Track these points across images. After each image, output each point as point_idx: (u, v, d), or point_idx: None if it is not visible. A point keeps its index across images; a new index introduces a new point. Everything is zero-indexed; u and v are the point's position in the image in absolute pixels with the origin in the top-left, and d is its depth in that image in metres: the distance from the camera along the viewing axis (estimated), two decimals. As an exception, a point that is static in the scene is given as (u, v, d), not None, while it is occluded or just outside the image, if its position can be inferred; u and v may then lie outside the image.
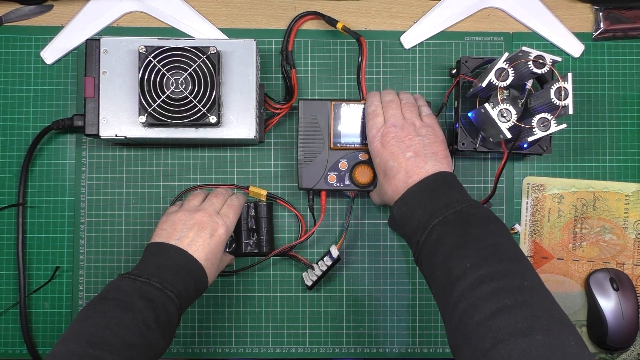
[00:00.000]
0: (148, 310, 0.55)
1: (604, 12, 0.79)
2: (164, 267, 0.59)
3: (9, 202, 0.76)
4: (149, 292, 0.56)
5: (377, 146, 0.64)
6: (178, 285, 0.59)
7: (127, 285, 0.57)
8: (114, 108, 0.70)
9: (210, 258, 0.62)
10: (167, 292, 0.57)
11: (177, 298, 0.58)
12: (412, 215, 0.58)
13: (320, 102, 0.72)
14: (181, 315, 0.60)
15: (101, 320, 0.53)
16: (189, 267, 0.60)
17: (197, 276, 0.61)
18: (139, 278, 0.58)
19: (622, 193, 0.78)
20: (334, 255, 0.73)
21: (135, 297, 0.55)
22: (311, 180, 0.72)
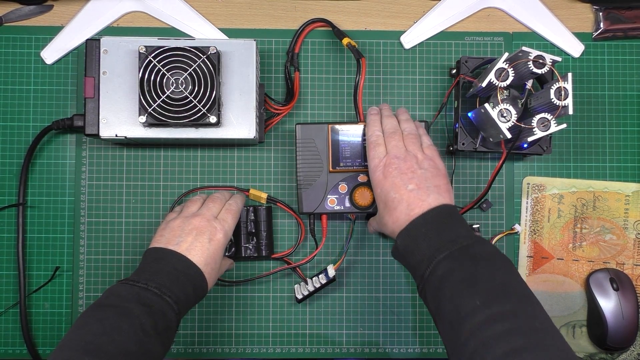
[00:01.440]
0: (146, 316, 0.54)
1: (604, 12, 0.79)
2: (163, 273, 0.59)
3: (9, 202, 0.76)
4: (146, 297, 0.56)
5: (378, 176, 0.63)
6: (176, 290, 0.58)
7: (125, 291, 0.56)
8: (114, 108, 0.70)
9: (210, 263, 0.62)
10: (165, 297, 0.57)
11: (176, 304, 0.58)
12: (416, 247, 0.57)
13: (317, 125, 0.72)
14: (180, 320, 0.60)
15: (98, 327, 0.53)
16: (188, 272, 0.60)
17: (196, 281, 0.61)
18: (137, 284, 0.57)
19: (622, 193, 0.78)
20: (330, 275, 0.73)
21: (133, 303, 0.55)
22: (312, 205, 0.72)
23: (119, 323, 0.53)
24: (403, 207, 0.60)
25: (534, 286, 0.77)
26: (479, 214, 0.78)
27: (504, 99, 0.69)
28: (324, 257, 0.77)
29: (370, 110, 0.70)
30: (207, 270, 0.62)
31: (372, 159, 0.65)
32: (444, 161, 0.78)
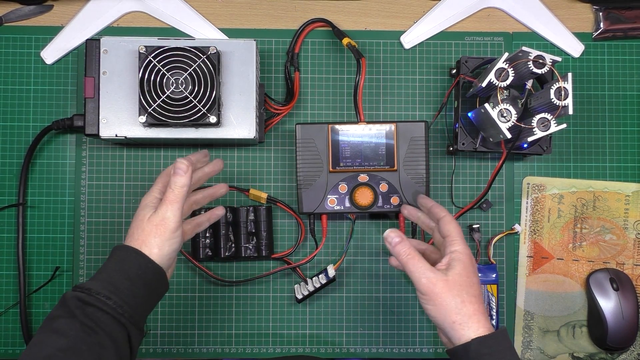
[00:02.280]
0: (85, 318, 0.53)
1: (604, 12, 0.79)
2: (105, 270, 0.57)
3: (9, 202, 0.76)
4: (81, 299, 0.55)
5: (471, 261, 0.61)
6: (114, 285, 0.56)
7: (67, 297, 0.55)
8: (114, 108, 0.70)
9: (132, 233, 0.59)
10: (95, 295, 0.55)
11: (109, 299, 0.55)
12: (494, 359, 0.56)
13: (317, 125, 0.72)
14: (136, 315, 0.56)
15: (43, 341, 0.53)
16: (121, 257, 0.57)
17: (143, 270, 0.57)
18: (77, 288, 0.56)
19: (622, 193, 0.78)
20: (330, 275, 0.73)
21: (73, 307, 0.54)
22: (312, 205, 0.72)
23: (63, 331, 0.53)
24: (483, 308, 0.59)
25: (534, 286, 0.77)
26: (479, 214, 0.78)
27: (504, 99, 0.69)
28: (323, 257, 0.77)
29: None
30: (140, 244, 0.58)
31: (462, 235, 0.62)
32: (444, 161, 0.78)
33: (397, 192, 0.72)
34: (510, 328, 0.78)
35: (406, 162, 0.72)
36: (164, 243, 0.58)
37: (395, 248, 0.61)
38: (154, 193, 0.61)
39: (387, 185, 0.72)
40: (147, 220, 0.59)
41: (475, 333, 0.57)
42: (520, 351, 0.77)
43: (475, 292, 0.59)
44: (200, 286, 0.77)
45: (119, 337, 0.55)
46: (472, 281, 0.60)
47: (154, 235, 0.58)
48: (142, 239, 0.58)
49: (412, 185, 0.72)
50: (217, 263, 0.77)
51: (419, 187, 0.72)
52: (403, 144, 0.72)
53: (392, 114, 0.78)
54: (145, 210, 0.60)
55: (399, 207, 0.72)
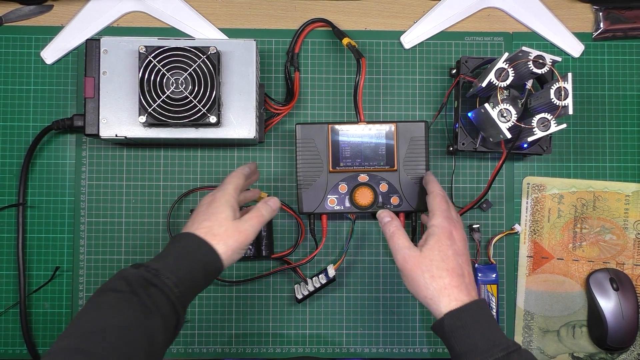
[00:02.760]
0: (147, 298, 0.53)
1: (604, 12, 0.79)
2: (170, 255, 0.58)
3: (9, 202, 0.76)
4: (148, 280, 0.55)
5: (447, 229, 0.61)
6: (180, 272, 0.56)
7: (130, 274, 0.55)
8: (114, 108, 0.70)
9: (218, 234, 0.59)
10: (163, 279, 0.55)
11: (177, 286, 0.56)
12: (466, 334, 0.56)
13: (317, 125, 0.72)
14: (186, 302, 0.57)
15: (98, 313, 0.52)
16: (197, 250, 0.58)
17: (205, 259, 0.58)
18: (141, 267, 0.56)
19: (622, 193, 0.78)
20: (330, 275, 0.74)
21: (135, 286, 0.54)
22: (312, 205, 0.72)
23: (120, 308, 0.53)
24: (457, 281, 0.58)
25: (534, 286, 0.77)
26: (479, 214, 0.78)
27: (504, 99, 0.69)
28: (324, 257, 0.77)
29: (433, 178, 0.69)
30: (217, 242, 0.59)
31: (444, 209, 0.63)
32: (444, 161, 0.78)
33: (397, 192, 0.72)
34: (510, 328, 0.78)
35: (406, 162, 0.72)
36: (239, 251, 0.61)
37: (384, 226, 0.64)
38: (230, 191, 0.63)
39: (387, 185, 0.72)
40: (232, 221, 0.61)
41: (447, 307, 0.57)
42: (520, 351, 0.77)
43: (449, 266, 0.59)
44: (200, 286, 0.77)
45: (171, 322, 0.55)
46: (445, 254, 0.59)
47: (235, 239, 0.60)
48: (222, 237, 0.59)
49: (412, 185, 0.72)
50: (217, 263, 0.77)
51: (419, 187, 0.72)
52: (403, 144, 0.72)
53: (392, 114, 0.78)
54: (225, 207, 0.61)
55: (399, 207, 0.72)
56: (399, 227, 0.63)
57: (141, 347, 0.51)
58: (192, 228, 0.60)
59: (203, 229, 0.60)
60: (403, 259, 0.60)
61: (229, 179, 0.64)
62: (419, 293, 0.59)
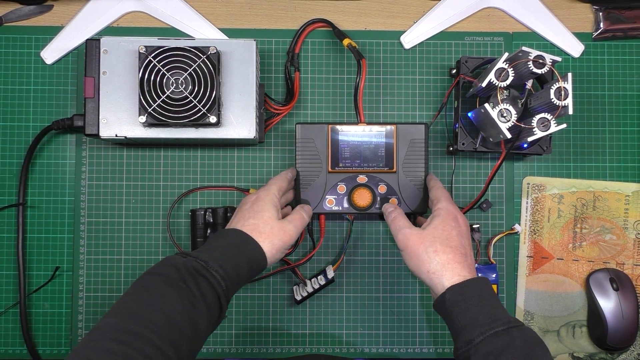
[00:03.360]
0: (195, 288, 0.54)
1: (604, 12, 0.79)
2: (218, 249, 0.59)
3: (9, 202, 0.76)
4: (196, 270, 0.55)
5: (453, 213, 0.63)
6: (227, 265, 0.57)
7: (178, 262, 0.56)
8: (114, 108, 0.70)
9: (264, 231, 0.61)
10: (212, 271, 0.56)
11: (223, 279, 0.56)
12: (467, 308, 0.56)
13: (317, 125, 0.72)
14: (229, 296, 0.58)
15: (147, 296, 0.53)
16: (244, 247, 0.60)
17: (251, 255, 0.60)
18: (189, 256, 0.57)
19: (622, 193, 0.78)
20: (329, 276, 0.74)
21: (184, 273, 0.55)
22: (310, 204, 0.72)
23: (168, 293, 0.53)
24: (460, 258, 0.59)
25: (534, 286, 0.77)
26: (479, 214, 0.78)
27: (504, 99, 0.69)
28: (323, 257, 0.77)
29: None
30: (263, 240, 0.61)
31: (448, 196, 0.65)
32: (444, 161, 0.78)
33: (395, 194, 0.72)
34: (510, 328, 0.78)
35: (405, 164, 0.72)
36: (282, 250, 0.63)
37: (387, 215, 0.66)
38: (274, 192, 0.66)
39: (385, 186, 0.72)
40: (278, 221, 0.63)
41: (450, 281, 0.58)
42: (520, 351, 0.77)
43: (453, 244, 0.60)
44: (200, 286, 0.77)
45: (214, 314, 0.56)
46: (449, 234, 0.61)
47: (280, 238, 0.62)
48: (267, 235, 0.61)
49: (410, 187, 0.72)
50: (217, 263, 0.77)
51: (418, 189, 0.72)
52: (403, 146, 0.72)
53: (392, 114, 0.78)
54: (270, 206, 0.63)
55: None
56: (401, 212, 0.65)
57: (186, 335, 0.52)
58: (239, 225, 0.62)
59: (249, 226, 0.61)
60: (404, 237, 0.62)
61: (273, 181, 0.67)
62: (421, 268, 0.60)
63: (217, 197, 0.77)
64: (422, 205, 0.72)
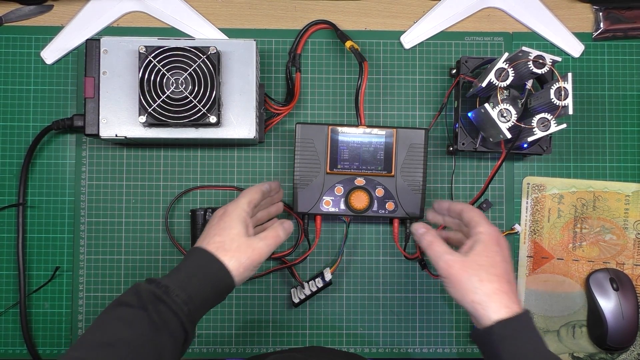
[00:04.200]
0: (156, 315, 0.54)
1: (604, 12, 0.79)
2: (182, 271, 0.58)
3: (9, 202, 0.76)
4: (159, 296, 0.55)
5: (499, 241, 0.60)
6: (191, 288, 0.56)
7: (143, 290, 0.55)
8: (114, 108, 0.70)
9: (230, 249, 0.58)
10: (173, 296, 0.55)
11: (186, 303, 0.55)
12: (517, 345, 0.55)
13: (317, 126, 0.72)
14: (195, 319, 0.57)
15: (110, 327, 0.53)
16: (209, 266, 0.58)
17: (216, 276, 0.57)
18: (153, 283, 0.56)
19: (622, 193, 0.78)
20: (327, 278, 0.74)
21: (146, 301, 0.54)
22: (307, 205, 0.72)
23: (131, 322, 0.53)
24: (506, 287, 0.57)
25: (534, 286, 0.77)
26: (479, 214, 0.78)
27: (504, 99, 0.69)
28: (323, 257, 0.77)
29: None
30: (229, 259, 0.58)
31: (486, 218, 0.62)
32: (444, 161, 0.78)
33: (392, 198, 0.72)
34: (510, 328, 0.78)
35: (404, 168, 0.72)
36: (251, 268, 0.60)
37: (420, 237, 0.62)
38: (243, 206, 0.62)
39: (383, 190, 0.72)
40: (245, 238, 0.60)
41: (497, 314, 0.55)
42: (520, 351, 0.77)
43: (498, 271, 0.57)
44: (200, 286, 0.77)
45: (179, 339, 0.55)
46: (494, 260, 0.58)
47: (247, 257, 0.59)
48: (234, 253, 0.58)
49: (408, 191, 0.72)
50: (217, 263, 0.77)
51: (415, 194, 0.72)
52: (402, 150, 0.72)
53: (391, 114, 0.78)
54: (237, 222, 0.60)
55: (394, 213, 0.72)
56: (435, 235, 0.61)
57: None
58: (204, 243, 0.59)
59: (214, 244, 0.59)
60: (447, 264, 0.58)
61: (244, 193, 0.64)
62: (465, 297, 0.57)
63: (217, 197, 0.77)
64: (419, 210, 0.72)
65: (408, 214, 0.72)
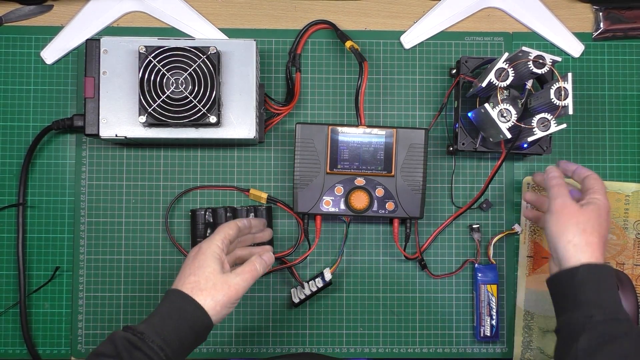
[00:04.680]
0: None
1: (604, 12, 0.79)
2: (158, 315, 0.57)
3: (9, 202, 0.76)
4: (134, 344, 0.55)
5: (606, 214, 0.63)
6: (167, 332, 0.56)
7: (116, 338, 0.55)
8: (114, 108, 0.70)
9: (206, 289, 0.58)
10: (148, 343, 0.55)
11: (162, 349, 0.55)
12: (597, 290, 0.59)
13: (317, 126, 0.72)
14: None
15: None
16: (184, 309, 0.57)
17: (193, 318, 0.57)
18: (129, 330, 0.56)
19: (622, 193, 0.78)
20: (327, 278, 0.74)
21: (121, 349, 0.54)
22: (307, 205, 0.72)
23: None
24: (602, 247, 0.61)
25: (535, 286, 0.77)
26: (479, 213, 0.78)
27: (504, 99, 0.69)
28: (323, 257, 0.77)
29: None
30: (205, 298, 0.58)
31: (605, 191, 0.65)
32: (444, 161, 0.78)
33: (392, 198, 0.72)
34: (510, 328, 0.78)
35: (404, 168, 0.72)
36: (229, 305, 0.60)
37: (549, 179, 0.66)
38: (217, 243, 0.62)
39: (383, 190, 0.72)
40: (220, 275, 0.59)
41: (586, 258, 0.59)
42: (521, 351, 0.77)
43: (602, 233, 0.61)
44: (200, 286, 0.77)
45: None
46: (601, 224, 0.62)
47: (224, 294, 0.59)
48: (209, 292, 0.58)
49: (408, 191, 0.72)
50: (217, 263, 0.77)
51: (415, 194, 0.72)
52: (402, 150, 0.72)
53: (391, 114, 0.78)
54: (212, 260, 0.60)
55: (394, 213, 0.72)
56: (564, 184, 0.65)
57: None
58: (180, 283, 0.59)
59: (189, 284, 0.58)
60: (563, 204, 0.63)
61: (218, 229, 0.63)
62: (564, 235, 0.61)
63: (217, 197, 0.77)
64: (419, 211, 0.72)
65: (408, 214, 0.72)
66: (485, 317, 0.75)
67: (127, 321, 0.76)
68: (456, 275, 0.77)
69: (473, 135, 0.74)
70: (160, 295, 0.76)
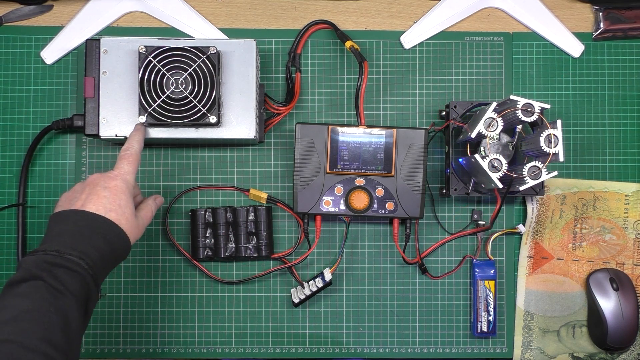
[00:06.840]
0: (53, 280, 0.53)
1: (604, 12, 0.79)
2: (65, 234, 0.57)
3: (9, 202, 0.76)
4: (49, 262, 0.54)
5: None
6: (82, 246, 0.56)
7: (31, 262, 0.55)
8: (114, 108, 0.70)
9: (114, 209, 0.59)
10: (66, 257, 0.55)
11: (82, 259, 0.55)
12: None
13: (317, 126, 0.72)
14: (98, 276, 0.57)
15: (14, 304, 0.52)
16: (93, 225, 0.58)
17: (105, 231, 0.58)
18: (37, 252, 0.56)
19: (622, 193, 0.78)
20: (327, 278, 0.74)
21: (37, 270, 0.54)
22: (307, 205, 0.72)
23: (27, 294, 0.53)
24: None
25: (534, 286, 0.77)
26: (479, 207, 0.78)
27: (493, 143, 0.69)
28: (323, 257, 0.77)
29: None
30: (115, 217, 0.59)
31: None
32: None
33: (392, 198, 0.72)
34: (510, 328, 0.78)
35: (404, 168, 0.72)
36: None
37: None
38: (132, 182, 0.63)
39: (383, 190, 0.72)
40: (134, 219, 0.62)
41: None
42: (521, 351, 0.77)
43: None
44: (200, 286, 0.77)
45: (82, 297, 0.55)
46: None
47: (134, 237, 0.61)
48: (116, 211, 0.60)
49: (408, 191, 0.72)
50: (217, 263, 0.77)
51: (415, 194, 0.72)
52: (402, 150, 0.72)
53: (391, 114, 0.78)
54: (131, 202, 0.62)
55: (394, 213, 0.72)
56: None
57: (57, 326, 0.52)
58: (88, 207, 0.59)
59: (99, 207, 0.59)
60: None
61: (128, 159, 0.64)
62: None
63: (217, 197, 0.77)
64: (419, 211, 0.72)
65: (408, 214, 0.72)
66: (483, 313, 0.75)
67: (127, 321, 0.76)
68: (456, 275, 0.77)
69: (465, 179, 0.73)
70: (160, 295, 0.76)
